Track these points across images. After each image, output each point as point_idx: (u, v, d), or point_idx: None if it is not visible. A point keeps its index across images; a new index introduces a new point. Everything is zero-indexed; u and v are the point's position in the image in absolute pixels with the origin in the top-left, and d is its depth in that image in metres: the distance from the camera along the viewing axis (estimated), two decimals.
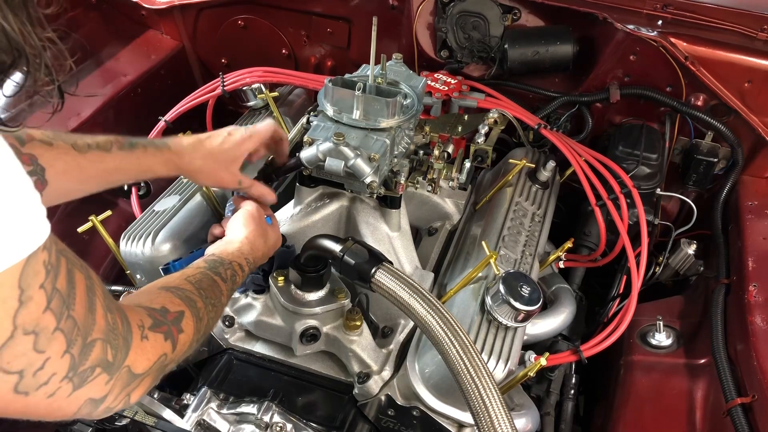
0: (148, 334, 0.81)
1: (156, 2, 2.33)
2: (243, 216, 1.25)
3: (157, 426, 1.33)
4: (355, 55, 2.26)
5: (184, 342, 0.88)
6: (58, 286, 0.68)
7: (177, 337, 0.87)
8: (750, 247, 1.66)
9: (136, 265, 1.54)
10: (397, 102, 1.39)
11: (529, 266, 1.53)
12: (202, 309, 0.95)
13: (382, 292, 1.16)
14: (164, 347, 0.84)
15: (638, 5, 1.91)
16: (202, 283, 1.00)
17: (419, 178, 1.59)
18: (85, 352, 0.71)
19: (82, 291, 0.71)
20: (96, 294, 0.73)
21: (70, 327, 0.69)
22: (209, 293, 0.99)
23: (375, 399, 1.37)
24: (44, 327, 0.66)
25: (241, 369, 1.46)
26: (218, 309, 1.01)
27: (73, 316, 0.69)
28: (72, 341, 0.69)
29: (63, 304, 0.68)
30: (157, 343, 0.83)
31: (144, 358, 0.80)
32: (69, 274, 0.70)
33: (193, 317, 0.91)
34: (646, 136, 1.92)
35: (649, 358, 1.59)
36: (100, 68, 2.24)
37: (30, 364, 0.66)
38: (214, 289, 1.02)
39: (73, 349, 0.69)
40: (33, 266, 0.64)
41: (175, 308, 0.89)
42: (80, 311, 0.70)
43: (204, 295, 0.97)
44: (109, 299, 0.76)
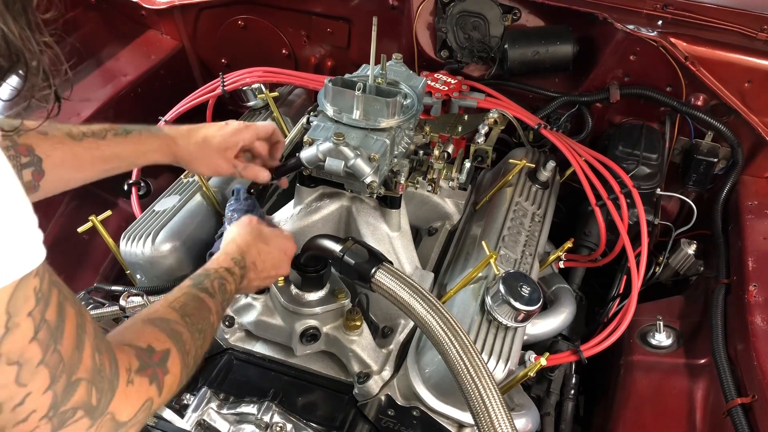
0: (134, 378, 0.77)
1: (156, 2, 2.33)
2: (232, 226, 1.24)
3: (157, 426, 1.33)
4: (355, 55, 2.26)
5: (170, 384, 0.84)
6: (47, 317, 0.65)
7: (162, 380, 0.82)
8: (750, 247, 1.66)
9: (136, 265, 1.54)
10: (397, 102, 1.39)
11: (529, 266, 1.53)
12: (188, 341, 0.90)
13: (382, 292, 1.16)
14: (149, 392, 0.79)
15: (638, 5, 1.91)
16: (187, 308, 0.95)
17: (419, 178, 1.59)
18: (69, 391, 0.68)
19: (72, 326, 0.69)
20: (86, 332, 0.71)
21: (56, 362, 0.66)
22: (196, 318, 0.95)
23: (375, 399, 1.37)
24: (29, 359, 0.63)
25: (241, 369, 1.46)
26: (206, 333, 0.97)
27: (60, 351, 0.66)
28: (56, 378, 0.66)
29: (50, 336, 0.65)
30: (142, 389, 0.78)
31: (128, 405, 0.76)
32: (60, 306, 0.67)
33: (179, 353, 0.87)
34: (646, 136, 1.92)
35: (649, 358, 1.59)
36: (100, 68, 2.24)
37: (10, 397, 0.63)
38: (202, 310, 0.97)
39: (56, 386, 0.66)
40: (23, 291, 0.62)
41: (161, 346, 0.84)
42: (68, 347, 0.67)
43: (190, 322, 0.93)
44: (99, 339, 0.73)
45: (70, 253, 1.91)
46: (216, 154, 1.32)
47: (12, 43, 0.62)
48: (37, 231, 0.64)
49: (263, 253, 1.20)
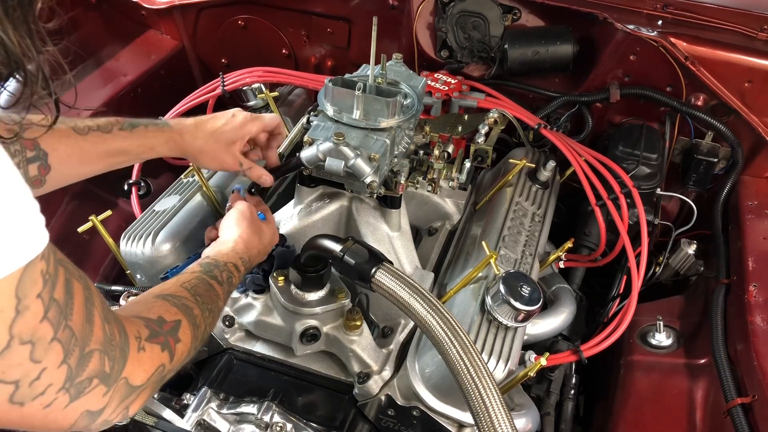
0: (145, 345, 0.80)
1: (156, 2, 2.33)
2: (235, 216, 1.25)
3: (157, 426, 1.33)
4: (355, 55, 2.26)
5: (181, 352, 0.87)
6: (55, 296, 0.67)
7: (174, 347, 0.86)
8: (750, 247, 1.66)
9: (136, 265, 1.54)
10: (397, 102, 1.39)
11: (529, 266, 1.53)
12: (198, 316, 0.93)
13: (382, 292, 1.16)
14: (162, 358, 0.83)
15: (638, 5, 1.91)
16: (198, 289, 0.99)
17: (419, 178, 1.58)
18: (83, 363, 0.70)
19: (80, 301, 0.71)
20: (94, 305, 0.73)
21: (68, 337, 0.68)
22: (205, 299, 0.98)
23: (375, 399, 1.36)
24: (41, 337, 0.65)
25: (241, 369, 1.46)
26: (215, 313, 1.01)
27: (71, 326, 0.69)
28: (69, 351, 0.68)
29: (60, 314, 0.67)
30: (155, 354, 0.82)
31: (141, 370, 0.79)
32: (67, 284, 0.69)
33: (190, 325, 0.90)
34: (646, 136, 1.92)
35: (649, 358, 1.59)
36: (100, 68, 2.24)
37: (26, 374, 0.65)
38: (211, 293, 1.01)
39: (70, 359, 0.69)
40: (31, 275, 0.64)
41: (171, 317, 0.88)
42: (78, 321, 0.70)
43: (200, 301, 0.96)
44: (107, 310, 0.75)
45: (70, 253, 1.89)
46: (223, 148, 1.32)
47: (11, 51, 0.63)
48: (39, 216, 0.65)
49: (257, 245, 1.23)
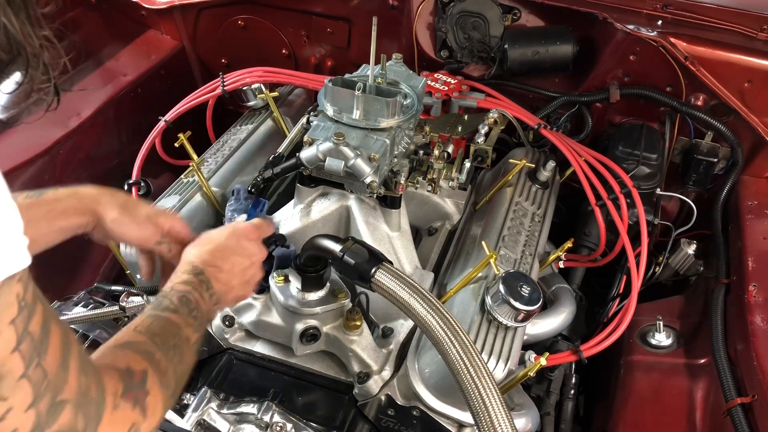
0: (120, 402, 0.74)
1: (156, 2, 2.33)
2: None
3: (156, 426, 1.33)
4: (355, 55, 2.26)
5: (153, 405, 0.80)
6: (30, 329, 0.62)
7: (145, 401, 0.79)
8: (750, 247, 1.66)
9: (136, 265, 1.53)
10: (397, 102, 1.39)
11: (529, 266, 1.53)
12: (162, 360, 0.86)
13: (382, 292, 1.16)
14: (133, 416, 0.76)
15: (638, 5, 1.91)
16: (152, 328, 0.90)
17: (419, 178, 1.58)
18: (53, 412, 0.65)
19: (57, 344, 0.66)
20: (71, 352, 0.68)
21: (39, 378, 0.63)
22: (164, 336, 0.90)
23: (375, 399, 1.37)
24: (10, 370, 0.60)
25: (241, 369, 1.46)
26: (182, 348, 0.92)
27: (44, 367, 0.63)
28: (40, 395, 0.63)
29: (34, 349, 0.62)
30: (126, 414, 0.75)
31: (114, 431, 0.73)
32: (45, 322, 0.64)
33: (155, 373, 0.83)
34: (646, 136, 1.92)
35: (649, 358, 1.59)
36: (100, 68, 2.24)
37: None
38: (168, 327, 0.92)
39: (39, 404, 0.63)
40: (5, 297, 0.60)
41: (138, 367, 0.81)
42: (52, 364, 0.65)
43: (159, 342, 0.88)
44: (85, 360, 0.70)
45: (70, 253, 1.91)
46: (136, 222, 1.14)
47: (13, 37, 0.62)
48: (21, 236, 0.61)
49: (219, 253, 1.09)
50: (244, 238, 1.14)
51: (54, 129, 1.93)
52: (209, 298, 1.03)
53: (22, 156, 1.80)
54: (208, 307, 1.02)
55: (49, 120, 1.52)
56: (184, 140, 1.76)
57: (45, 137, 1.89)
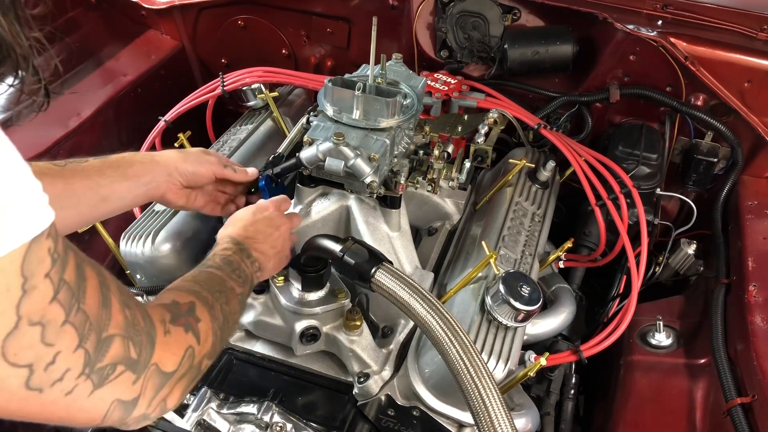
0: (170, 328, 0.79)
1: (156, 2, 2.33)
2: None
3: (157, 426, 1.33)
4: (355, 55, 2.26)
5: (205, 331, 0.86)
6: (65, 278, 0.65)
7: (196, 327, 0.84)
8: (750, 247, 1.66)
9: (136, 265, 1.54)
10: (397, 102, 1.39)
11: (529, 266, 1.53)
12: (208, 297, 0.92)
13: (382, 292, 1.16)
14: (188, 340, 0.81)
15: (638, 5, 1.91)
16: (198, 278, 0.98)
17: (419, 178, 1.58)
18: (102, 348, 0.68)
19: (94, 285, 0.69)
20: (110, 290, 0.71)
21: (81, 321, 0.66)
22: (209, 283, 0.97)
23: (375, 399, 1.37)
24: (51, 319, 0.64)
25: (241, 369, 1.46)
26: (227, 293, 0.98)
27: (84, 310, 0.67)
28: (84, 336, 0.67)
29: (72, 296, 0.66)
30: (180, 337, 0.80)
31: (171, 354, 0.78)
32: (78, 268, 0.68)
33: (204, 305, 0.89)
34: (646, 136, 1.92)
35: (649, 358, 1.59)
36: (100, 68, 2.24)
37: (39, 357, 0.63)
38: (212, 278, 0.99)
39: (86, 344, 0.67)
40: (36, 253, 0.62)
41: (184, 299, 0.87)
42: (92, 306, 0.68)
43: (205, 285, 0.95)
44: (126, 296, 0.74)
45: None
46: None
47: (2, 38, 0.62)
48: (42, 194, 0.64)
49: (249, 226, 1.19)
50: (268, 212, 1.25)
51: (54, 129, 1.93)
52: (251, 264, 1.11)
53: (22, 156, 1.80)
54: (251, 272, 1.10)
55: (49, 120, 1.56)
56: (184, 140, 1.76)
57: (45, 137, 1.89)
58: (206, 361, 0.86)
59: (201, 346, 0.84)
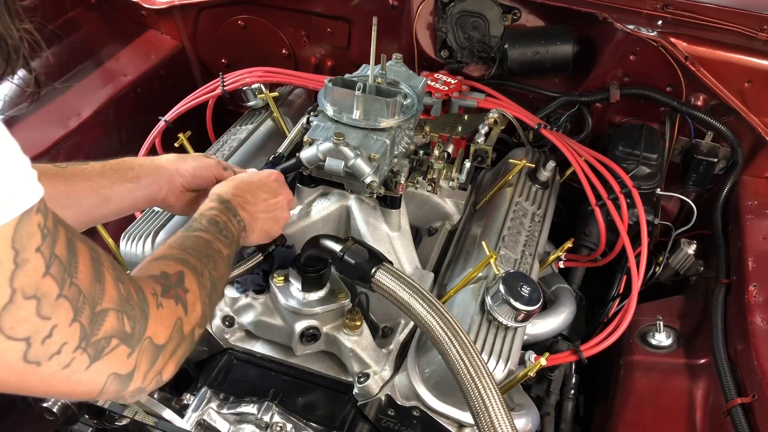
0: (162, 301, 0.80)
1: (156, 2, 2.33)
2: None
3: (157, 426, 1.33)
4: (355, 55, 2.26)
5: (193, 301, 0.86)
6: (56, 252, 0.66)
7: (185, 298, 0.85)
8: (750, 247, 1.66)
9: (135, 265, 1.53)
10: (397, 102, 1.39)
11: (529, 266, 1.53)
12: (197, 264, 0.92)
13: (382, 292, 1.16)
14: (177, 311, 0.82)
15: (638, 5, 1.91)
16: (185, 244, 0.97)
17: (419, 178, 1.58)
18: (96, 321, 0.69)
19: (86, 260, 0.69)
20: (103, 264, 0.72)
21: (75, 295, 0.67)
22: (197, 248, 0.96)
23: (375, 399, 1.36)
24: (45, 292, 0.64)
25: (241, 369, 1.46)
26: (215, 257, 0.98)
27: (77, 284, 0.67)
28: (79, 309, 0.67)
29: (64, 270, 0.66)
30: (171, 309, 0.81)
31: (163, 327, 0.78)
32: (70, 242, 0.68)
33: (192, 273, 0.89)
34: (646, 136, 1.92)
35: (649, 358, 1.59)
36: (100, 68, 2.24)
37: (36, 330, 0.64)
38: (199, 241, 0.99)
39: (81, 317, 0.67)
40: (26, 227, 0.62)
41: (173, 269, 0.87)
42: (85, 280, 0.68)
43: (192, 252, 0.94)
44: (118, 270, 0.74)
45: None
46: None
47: None
48: (31, 170, 0.64)
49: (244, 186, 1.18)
50: (266, 177, 1.24)
51: (54, 129, 1.93)
52: (237, 223, 1.10)
53: None
54: (237, 231, 1.09)
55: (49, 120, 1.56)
56: (184, 140, 1.76)
57: (45, 137, 1.89)
58: (198, 330, 0.86)
59: (189, 317, 0.84)
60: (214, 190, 1.16)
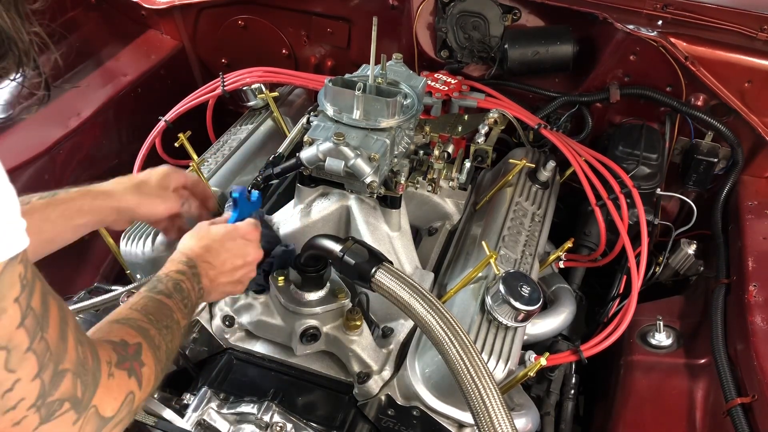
0: (114, 371, 0.78)
1: (156, 2, 2.33)
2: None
3: (157, 426, 1.33)
4: (355, 55, 2.26)
5: (148, 376, 0.84)
6: (33, 305, 0.65)
7: (140, 372, 0.83)
8: (750, 247, 1.66)
9: (136, 265, 1.54)
10: (397, 102, 1.39)
11: (529, 266, 1.53)
12: (156, 336, 0.91)
13: (382, 292, 1.16)
14: (129, 385, 0.80)
15: (638, 5, 1.91)
16: (148, 308, 0.95)
17: (419, 178, 1.58)
18: (56, 381, 0.68)
19: (55, 316, 0.69)
20: (68, 324, 0.71)
21: (43, 350, 0.66)
22: (158, 316, 0.95)
23: (375, 399, 1.37)
24: (17, 345, 0.63)
25: (241, 369, 1.46)
26: (173, 329, 0.96)
27: (47, 339, 0.67)
28: (44, 366, 0.66)
29: (37, 324, 0.66)
30: (123, 382, 0.79)
31: (111, 398, 0.76)
32: (44, 296, 0.68)
33: (150, 347, 0.87)
34: (646, 136, 1.92)
35: (649, 358, 1.59)
36: (100, 68, 2.24)
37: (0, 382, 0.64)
38: (162, 309, 0.97)
39: (44, 374, 0.66)
40: (9, 277, 0.62)
41: (132, 340, 0.85)
42: (53, 336, 0.68)
43: (154, 320, 0.93)
44: (80, 332, 0.73)
45: (70, 253, 1.89)
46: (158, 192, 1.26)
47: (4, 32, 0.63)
48: (20, 219, 0.64)
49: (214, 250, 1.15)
50: (241, 238, 1.20)
51: (54, 129, 1.93)
52: (197, 291, 1.08)
53: (22, 156, 1.80)
54: (196, 299, 1.08)
55: (49, 120, 1.56)
56: (184, 140, 1.76)
57: (45, 137, 1.90)
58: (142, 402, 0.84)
59: (142, 392, 0.82)
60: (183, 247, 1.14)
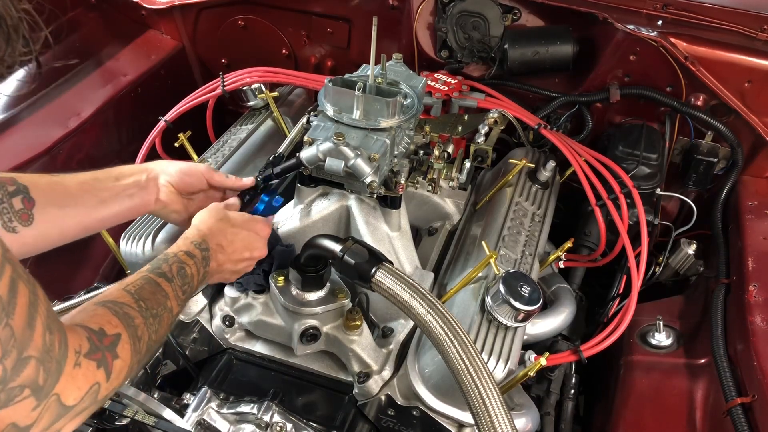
0: (82, 361, 0.76)
1: (156, 2, 2.33)
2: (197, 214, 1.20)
3: (157, 426, 1.33)
4: (355, 55, 2.26)
5: (120, 369, 0.82)
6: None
7: (111, 363, 0.80)
8: (750, 247, 1.66)
9: (136, 265, 1.54)
10: (397, 102, 1.39)
11: (529, 266, 1.53)
12: (141, 326, 0.88)
13: (382, 292, 1.16)
14: (96, 376, 0.78)
15: (638, 5, 1.92)
16: (143, 292, 0.94)
17: (419, 178, 1.58)
18: (18, 367, 0.67)
19: (24, 303, 0.68)
20: (38, 311, 0.70)
21: (7, 336, 0.65)
22: (151, 303, 0.93)
23: (375, 399, 1.37)
24: None
25: (241, 369, 1.46)
26: (162, 318, 0.94)
27: (12, 326, 0.66)
28: (7, 352, 0.66)
29: (2, 310, 0.65)
30: (89, 372, 0.77)
31: (74, 387, 0.75)
32: (12, 282, 0.67)
33: (130, 339, 0.85)
34: (646, 136, 1.92)
35: (649, 358, 1.59)
36: (100, 68, 2.24)
37: None
38: (157, 294, 0.96)
39: (6, 360, 0.66)
40: None
41: (112, 330, 0.83)
42: (19, 323, 0.67)
43: (144, 307, 0.91)
44: (51, 318, 0.72)
45: (70, 253, 1.90)
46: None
47: None
48: None
49: (230, 234, 1.16)
50: (255, 232, 1.22)
51: (54, 129, 1.93)
52: (201, 276, 1.08)
53: (22, 156, 1.80)
54: (198, 284, 1.08)
55: (49, 120, 1.56)
56: (184, 140, 1.76)
57: (45, 137, 1.89)
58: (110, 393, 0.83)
59: (110, 383, 0.80)
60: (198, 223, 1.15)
